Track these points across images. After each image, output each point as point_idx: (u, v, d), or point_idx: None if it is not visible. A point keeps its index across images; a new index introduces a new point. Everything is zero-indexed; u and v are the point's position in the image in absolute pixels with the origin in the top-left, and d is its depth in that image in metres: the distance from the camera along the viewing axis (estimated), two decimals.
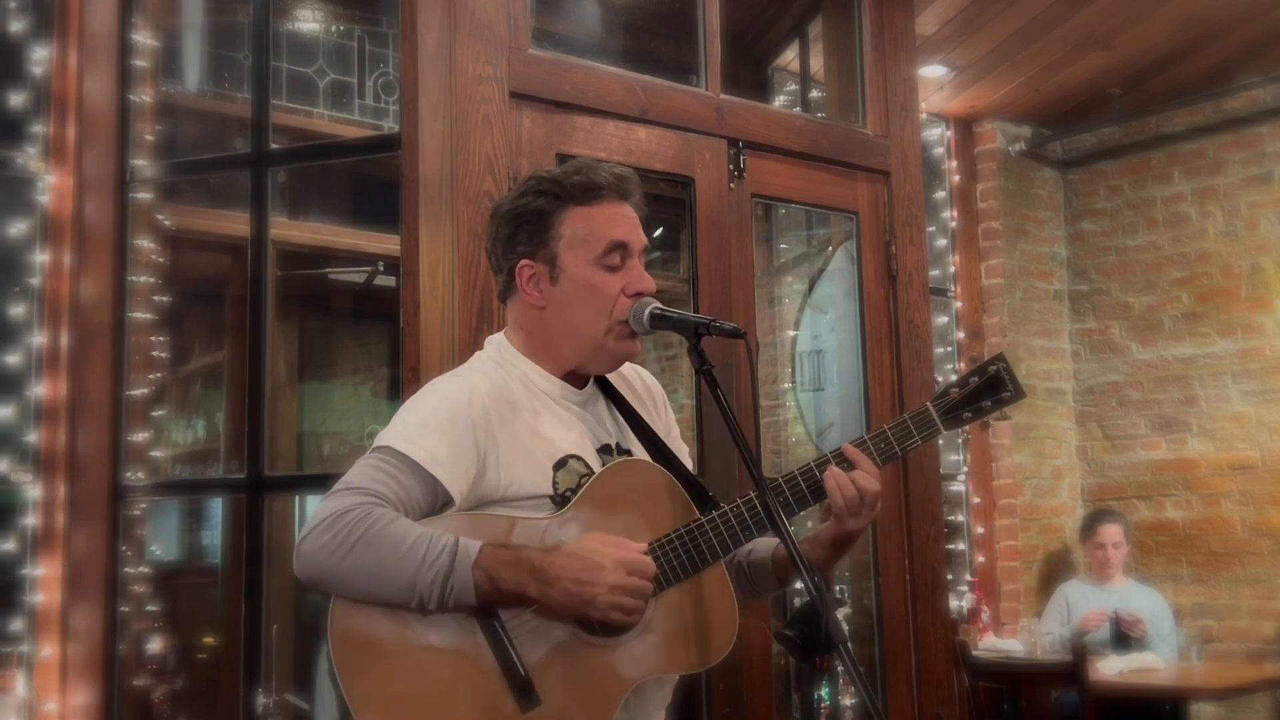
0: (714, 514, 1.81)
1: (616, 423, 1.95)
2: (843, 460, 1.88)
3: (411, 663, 1.67)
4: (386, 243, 3.58)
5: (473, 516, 1.74)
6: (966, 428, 2.03)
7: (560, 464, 1.80)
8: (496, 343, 1.94)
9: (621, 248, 1.84)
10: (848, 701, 4.02)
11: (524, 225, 1.86)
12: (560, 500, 1.78)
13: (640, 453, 1.93)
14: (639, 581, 1.68)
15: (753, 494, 1.81)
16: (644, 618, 1.73)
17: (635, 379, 2.02)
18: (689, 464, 1.99)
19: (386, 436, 1.75)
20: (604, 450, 1.89)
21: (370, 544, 1.62)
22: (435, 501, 1.73)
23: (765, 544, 1.97)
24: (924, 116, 4.98)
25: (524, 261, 1.86)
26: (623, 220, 1.87)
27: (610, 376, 1.97)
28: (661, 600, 1.76)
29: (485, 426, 1.76)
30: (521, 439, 1.79)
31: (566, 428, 1.85)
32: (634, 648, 1.74)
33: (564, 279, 1.85)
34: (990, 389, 1.96)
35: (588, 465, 1.83)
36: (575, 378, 1.91)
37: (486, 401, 1.78)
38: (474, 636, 1.68)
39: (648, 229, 1.93)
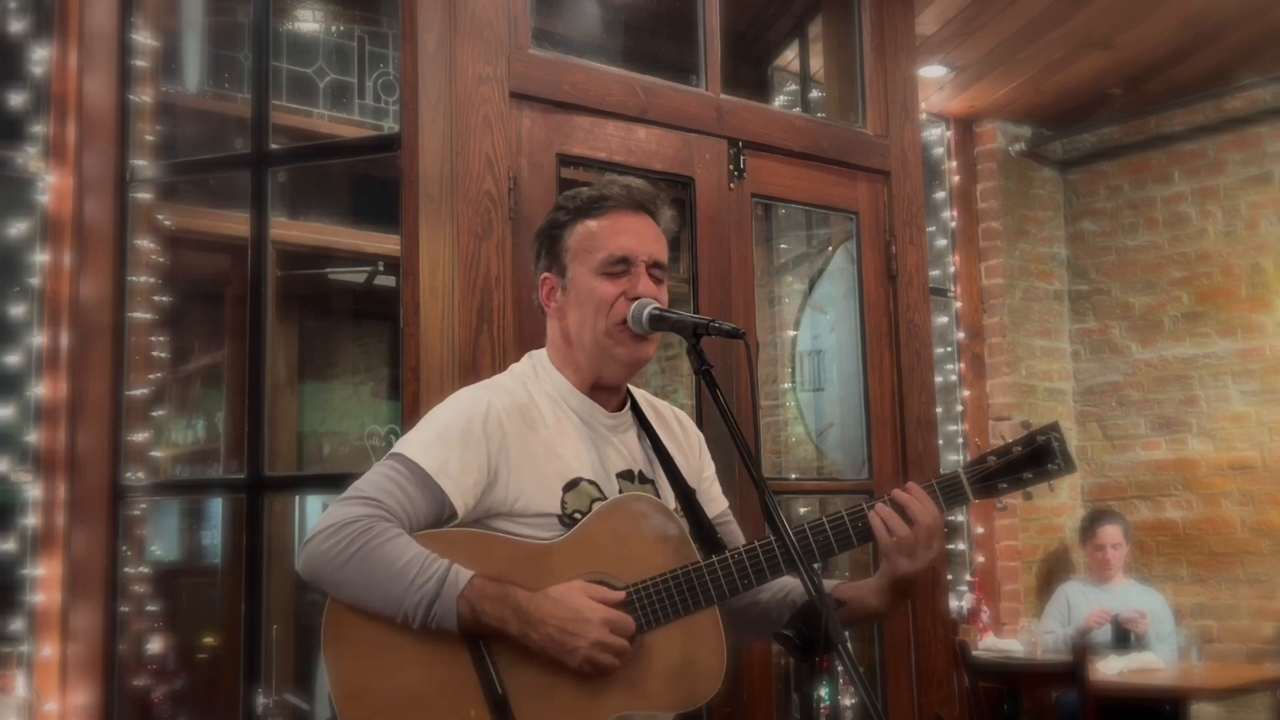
0: (714, 559, 1.80)
1: (645, 453, 1.96)
2: (894, 503, 1.79)
3: (396, 668, 1.71)
4: (386, 243, 3.58)
5: (473, 534, 1.77)
6: (1001, 499, 1.88)
7: (571, 485, 1.82)
8: (535, 356, 1.98)
9: (623, 260, 1.87)
10: (848, 701, 4.02)
11: (544, 241, 1.95)
12: (568, 521, 1.80)
13: (664, 485, 1.94)
14: (620, 641, 1.72)
15: (756, 542, 1.80)
16: (630, 653, 1.75)
17: (673, 421, 2.04)
18: (715, 510, 2.00)
19: (403, 445, 1.80)
20: (625, 475, 1.90)
21: (366, 558, 1.68)
22: (441, 513, 1.77)
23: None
24: (924, 116, 4.98)
25: (544, 275, 1.94)
26: (629, 233, 1.89)
27: (648, 413, 1.99)
28: (649, 639, 1.77)
29: (500, 441, 1.79)
30: (535, 457, 1.81)
31: (586, 449, 1.87)
32: (613, 681, 1.75)
33: (571, 289, 1.90)
34: (1035, 460, 1.82)
35: (600, 489, 1.84)
36: (606, 398, 1.93)
37: (503, 416, 1.81)
38: (459, 651, 1.72)
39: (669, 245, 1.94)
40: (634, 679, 1.76)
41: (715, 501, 2.04)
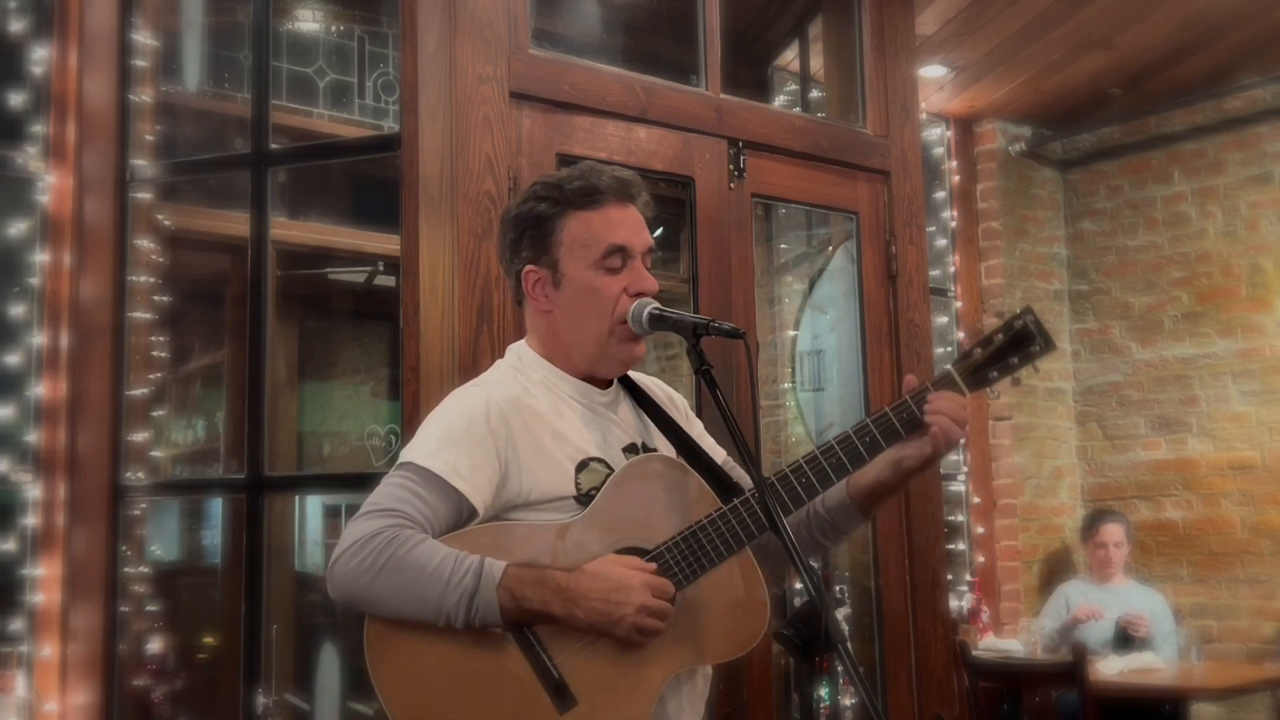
0: (735, 502, 1.81)
1: (642, 422, 1.96)
2: (922, 397, 1.86)
3: (447, 674, 1.69)
4: (386, 243, 3.58)
5: (496, 527, 1.77)
6: (993, 388, 1.97)
7: (582, 465, 1.82)
8: (517, 350, 1.96)
9: (621, 251, 1.86)
10: (848, 701, 4.02)
11: (527, 231, 1.89)
12: (585, 501, 1.80)
13: (666, 450, 1.94)
14: (663, 604, 1.71)
15: (772, 476, 1.82)
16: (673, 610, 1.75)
17: (656, 389, 2.04)
18: (718, 459, 2.01)
19: (409, 453, 1.78)
20: (630, 449, 1.90)
21: (397, 567, 1.66)
22: (460, 514, 1.75)
23: (835, 487, 1.97)
24: (924, 116, 4.98)
25: (529, 267, 1.89)
26: (623, 224, 1.87)
27: (636, 381, 1.99)
28: (690, 593, 1.78)
29: (505, 435, 1.78)
30: (542, 444, 1.81)
31: (589, 429, 1.87)
32: (664, 642, 1.75)
33: (566, 283, 1.87)
34: (1017, 344, 1.90)
35: (610, 466, 1.84)
36: (595, 379, 1.92)
37: (505, 409, 1.80)
38: (506, 642, 1.71)
39: (649, 229, 1.93)
40: (683, 636, 1.77)
41: (714, 452, 2.04)
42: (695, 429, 2.05)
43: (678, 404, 2.06)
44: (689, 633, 1.78)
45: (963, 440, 1.91)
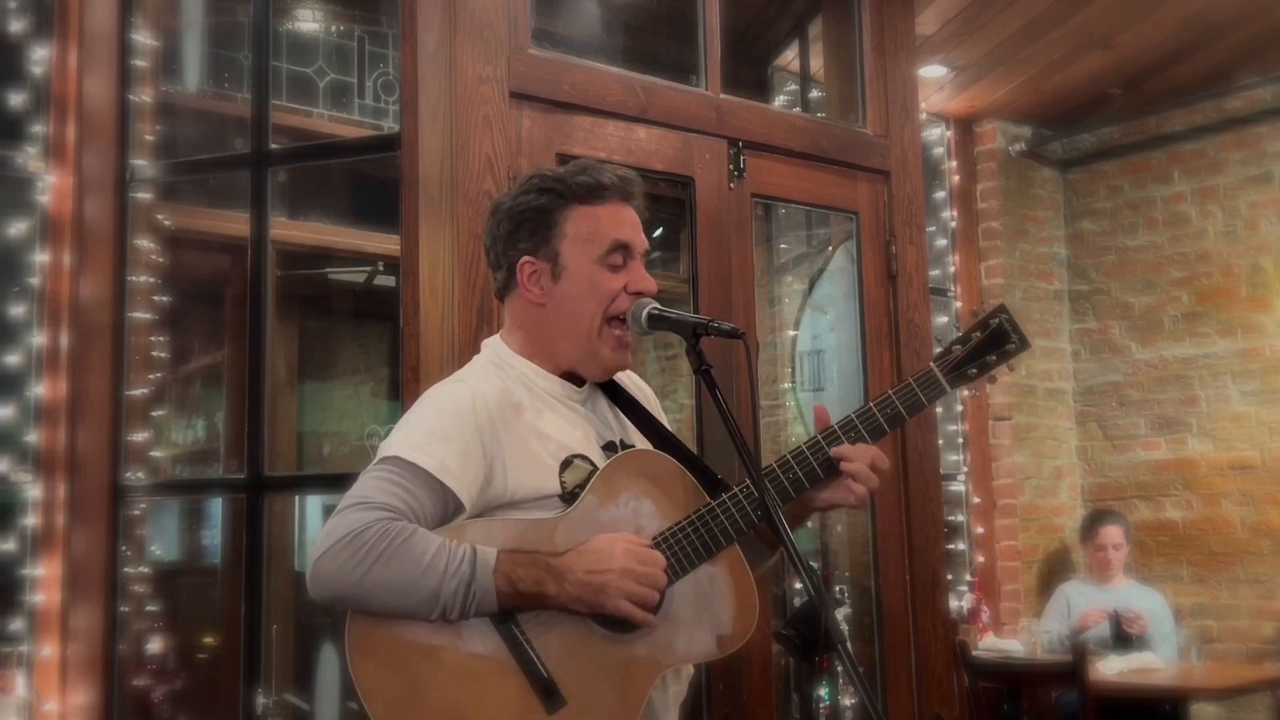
0: (724, 496, 1.81)
1: (618, 419, 1.96)
2: (838, 439, 1.91)
3: (435, 678, 1.67)
4: (386, 243, 3.58)
5: (485, 522, 1.75)
6: (972, 385, 2.01)
7: (567, 463, 1.81)
8: (493, 345, 1.94)
9: (624, 248, 1.86)
10: (848, 701, 4.02)
11: (526, 222, 1.87)
12: (570, 498, 1.79)
13: (644, 445, 1.93)
14: (649, 569, 1.70)
15: (763, 474, 1.81)
16: (662, 607, 1.74)
17: (626, 380, 2.03)
18: None
19: (393, 446, 1.75)
20: (609, 447, 1.89)
21: (392, 559, 1.63)
22: (446, 509, 1.73)
23: None
24: (924, 116, 4.98)
25: (526, 258, 1.87)
26: (626, 221, 1.88)
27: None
28: (678, 589, 1.77)
29: (491, 431, 1.76)
30: (526, 442, 1.79)
31: (571, 426, 1.86)
32: (654, 638, 1.74)
33: (566, 276, 1.86)
34: (994, 342, 1.95)
35: (593, 463, 1.83)
36: (574, 376, 1.91)
37: (490, 405, 1.78)
38: (494, 643, 1.69)
39: (648, 229, 1.93)
40: (675, 632, 1.76)
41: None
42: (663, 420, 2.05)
43: (646, 392, 2.05)
44: (679, 628, 1.77)
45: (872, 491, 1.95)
